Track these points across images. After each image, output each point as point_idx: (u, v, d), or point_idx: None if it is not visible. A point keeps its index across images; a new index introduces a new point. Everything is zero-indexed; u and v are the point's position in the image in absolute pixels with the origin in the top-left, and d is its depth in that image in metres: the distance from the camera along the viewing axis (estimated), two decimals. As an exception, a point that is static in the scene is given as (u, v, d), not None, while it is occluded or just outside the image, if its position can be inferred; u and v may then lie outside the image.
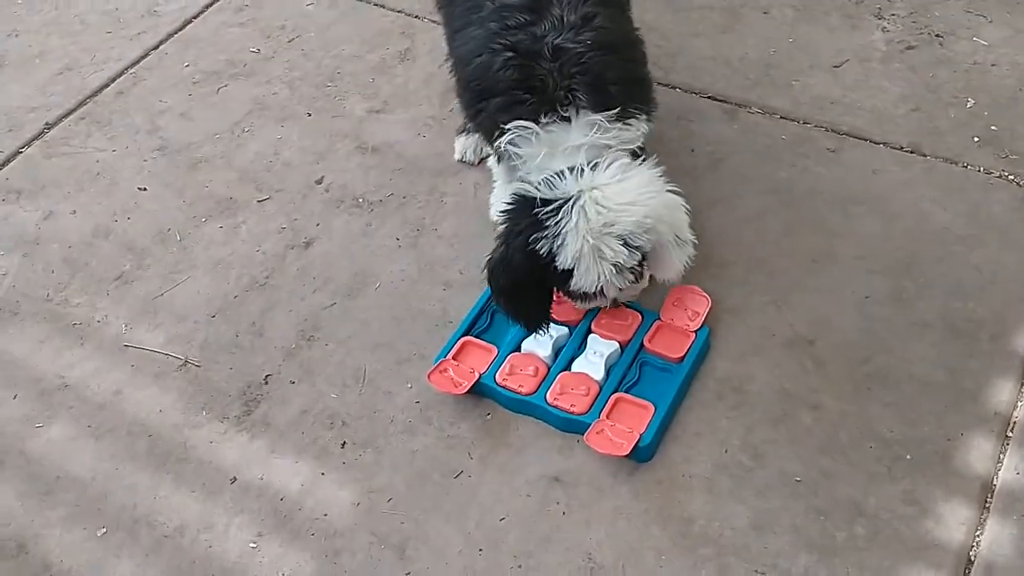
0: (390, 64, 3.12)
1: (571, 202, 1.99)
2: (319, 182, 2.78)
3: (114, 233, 2.71)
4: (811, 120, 2.77)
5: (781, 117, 2.80)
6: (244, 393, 2.32)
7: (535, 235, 1.99)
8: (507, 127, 2.06)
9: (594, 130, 2.05)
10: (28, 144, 2.98)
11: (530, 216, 2.01)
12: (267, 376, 2.35)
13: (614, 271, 2.02)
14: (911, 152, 2.66)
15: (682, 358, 2.22)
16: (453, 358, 2.27)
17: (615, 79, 2.08)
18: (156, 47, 3.28)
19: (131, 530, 2.12)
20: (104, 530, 2.12)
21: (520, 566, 1.99)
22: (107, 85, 3.15)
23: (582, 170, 2.02)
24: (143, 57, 3.24)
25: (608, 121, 2.06)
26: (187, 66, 3.19)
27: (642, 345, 2.25)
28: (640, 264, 2.11)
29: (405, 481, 2.14)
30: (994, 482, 2.03)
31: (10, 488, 2.20)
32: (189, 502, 2.15)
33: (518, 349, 2.28)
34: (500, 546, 2.02)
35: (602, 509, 2.06)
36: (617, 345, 2.24)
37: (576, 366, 2.23)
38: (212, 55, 3.22)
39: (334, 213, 2.69)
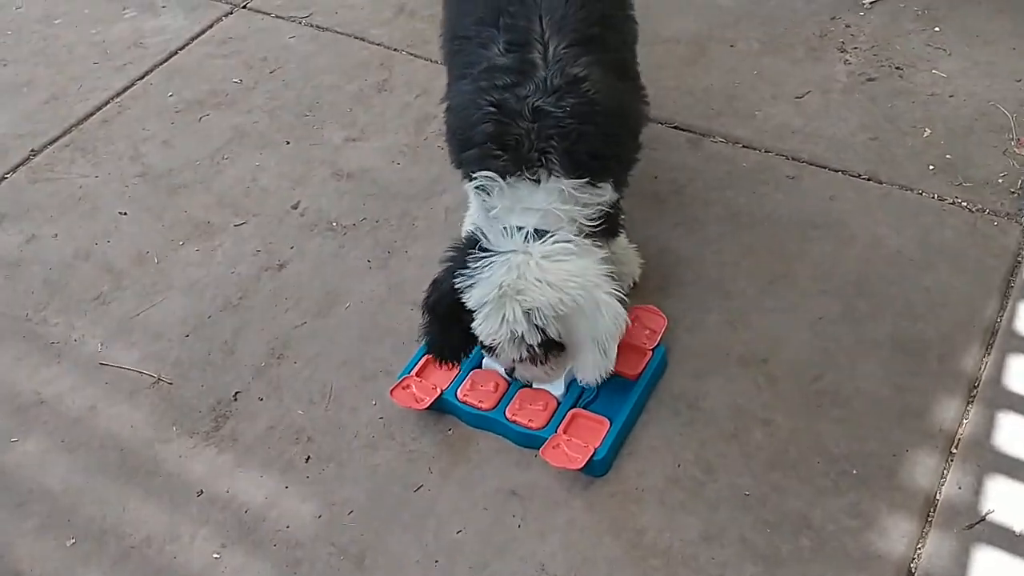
0: (368, 94, 3.21)
1: (499, 259, 2.00)
2: (295, 207, 2.86)
3: (94, 256, 2.79)
4: (772, 149, 2.86)
5: (743, 146, 2.88)
6: (214, 409, 2.39)
7: (459, 271, 2.04)
8: (475, 176, 2.12)
9: (557, 197, 2.06)
10: (13, 170, 3.07)
11: (465, 254, 2.05)
12: (236, 393, 2.42)
13: (508, 337, 2.00)
14: (868, 179, 2.74)
15: (639, 375, 2.29)
16: (417, 374, 2.34)
17: (590, 151, 2.07)
18: (141, 77, 3.38)
19: (99, 540, 2.17)
20: (73, 540, 2.17)
21: (475, 576, 2.05)
22: (92, 113, 3.24)
23: (527, 234, 2.03)
24: (128, 87, 3.34)
25: (574, 189, 2.07)
26: (171, 95, 3.29)
27: (600, 363, 2.32)
28: (544, 349, 2.05)
29: (366, 494, 2.20)
30: (937, 496, 2.08)
31: (-17, 500, 2.26)
32: (156, 513, 2.21)
33: (479, 365, 2.34)
34: (456, 557, 2.08)
35: (557, 521, 2.11)
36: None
37: (537, 383, 2.29)
38: (195, 85, 3.32)
39: (308, 236, 2.77)
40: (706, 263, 2.57)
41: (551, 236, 2.03)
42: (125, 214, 2.90)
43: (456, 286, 2.04)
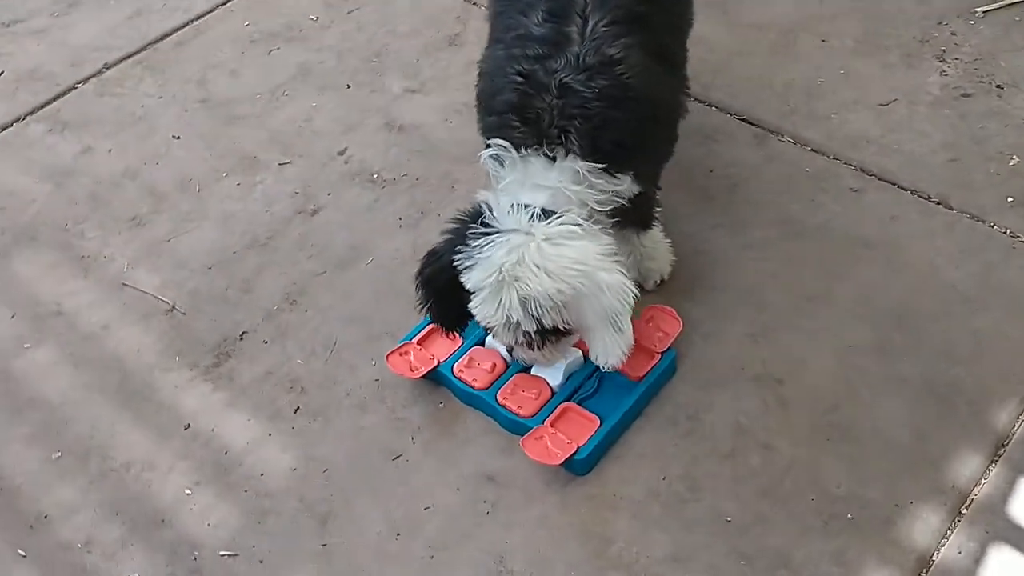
0: (437, 47, 3.14)
1: (501, 238, 1.92)
2: (341, 153, 2.83)
3: (141, 176, 2.82)
4: (841, 156, 2.67)
5: (811, 149, 2.70)
6: (218, 346, 2.39)
7: (459, 247, 1.96)
8: (490, 144, 2.04)
9: (570, 177, 1.97)
10: (84, 81, 3.13)
11: (466, 229, 1.97)
12: (243, 333, 2.41)
13: (504, 322, 1.93)
14: (937, 203, 2.53)
15: (641, 377, 2.18)
16: (418, 342, 2.29)
17: (613, 138, 1.97)
18: (224, 3, 3.38)
19: (82, 458, 2.21)
20: (59, 454, 2.22)
21: (431, 557, 2.00)
22: (170, 34, 3.27)
23: (533, 214, 1.94)
24: (209, 11, 3.35)
25: (589, 173, 1.97)
26: (248, 24, 3.29)
27: (605, 359, 2.22)
28: (540, 336, 1.97)
29: (345, 455, 2.17)
30: (933, 558, 1.92)
31: (-12, 401, 2.32)
32: (142, 440, 2.23)
33: (482, 343, 2.28)
34: (417, 534, 2.03)
35: (526, 515, 2.04)
36: (580, 353, 2.21)
37: (536, 369, 2.21)
38: (274, 17, 3.31)
39: (347, 185, 2.74)
40: (742, 270, 2.43)
41: (558, 217, 1.94)
42: (178, 138, 2.92)
43: (455, 263, 1.96)
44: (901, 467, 2.05)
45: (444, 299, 2.06)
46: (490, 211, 1.96)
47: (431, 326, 2.30)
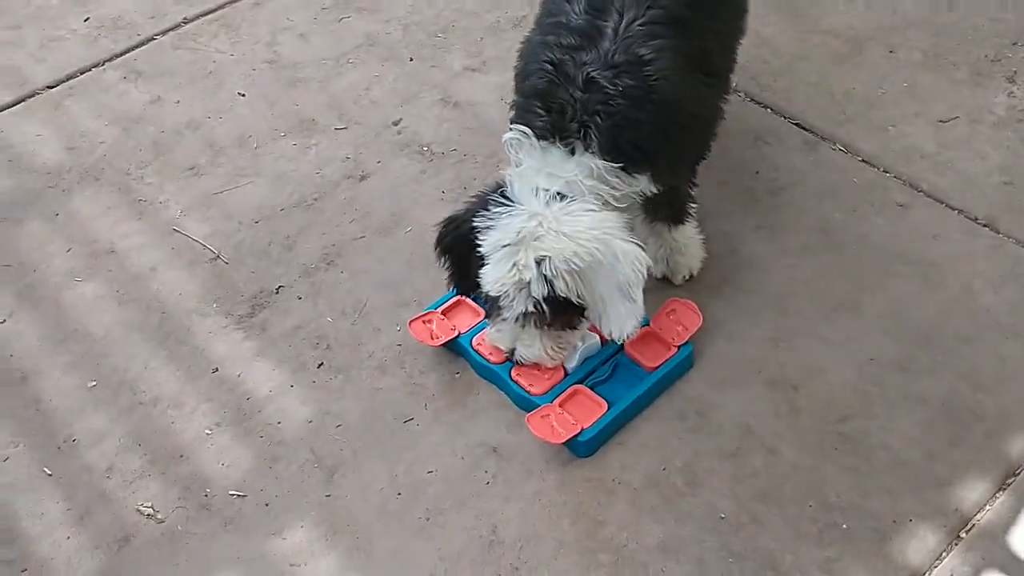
0: (502, 27, 3.18)
1: (519, 208, 1.96)
2: (395, 123, 2.89)
3: (203, 128, 2.92)
4: (892, 170, 2.63)
5: (862, 160, 2.67)
6: (255, 297, 2.48)
7: (480, 213, 1.99)
8: (512, 127, 2.07)
9: (586, 172, 1.99)
10: (163, 33, 3.25)
11: (487, 199, 2.01)
12: (280, 287, 2.50)
13: (515, 283, 1.94)
14: (984, 225, 2.48)
15: (655, 368, 2.20)
16: (442, 312, 2.34)
17: (633, 140, 1.98)
18: (304, -31, 3.47)
19: (116, 390, 2.32)
20: (94, 383, 2.33)
21: (428, 519, 2.05)
22: (250, -5, 3.37)
23: (549, 197, 1.96)
24: (290, -24, 3.44)
25: (606, 171, 1.99)
26: (324, -9, 3.37)
27: (622, 346, 2.24)
28: (549, 308, 1.97)
29: (360, 413, 2.24)
30: (924, 577, 1.91)
31: (37, 328, 2.45)
32: (171, 379, 2.33)
33: (505, 319, 2.32)
34: (418, 496, 2.09)
35: (525, 489, 2.08)
36: (597, 339, 2.24)
37: (552, 349, 2.24)
38: (349, -14, 3.38)
39: (396, 155, 2.80)
40: (773, 274, 2.42)
41: (573, 200, 1.97)
42: (243, 95, 3.02)
43: (474, 226, 2.00)
44: (905, 484, 2.03)
45: (462, 264, 2.10)
46: (511, 186, 2.00)
47: (458, 298, 2.35)
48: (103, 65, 3.16)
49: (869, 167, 2.65)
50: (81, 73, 3.14)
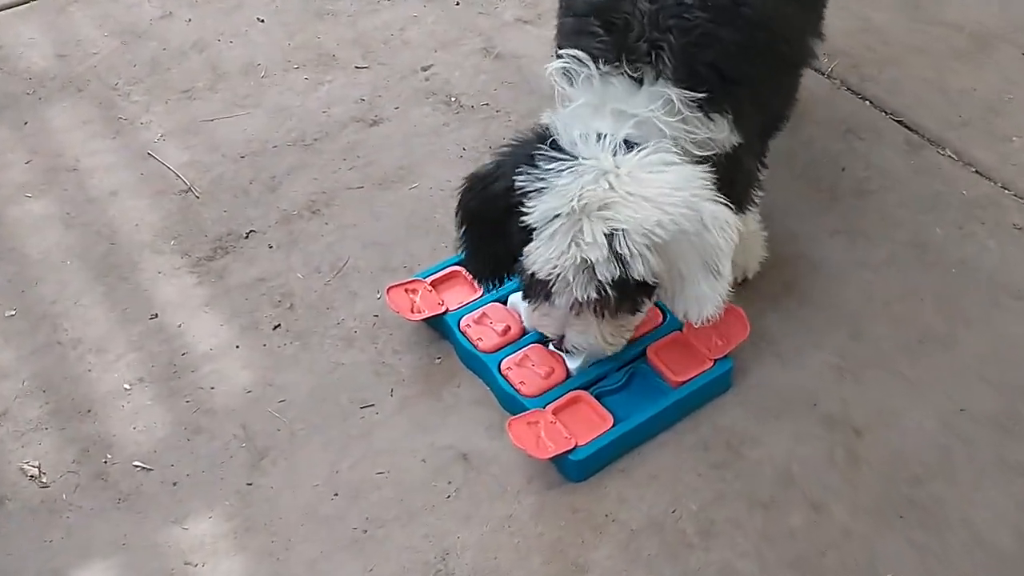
0: (568, -19, 2.75)
1: (581, 165, 1.53)
2: (425, 69, 2.49)
3: (209, 51, 2.56)
4: (1011, 186, 2.14)
5: (975, 171, 2.18)
6: (220, 239, 2.09)
7: (523, 168, 1.56)
8: (562, 53, 1.64)
9: (661, 105, 1.56)
10: (190, -54, 2.90)
11: (532, 149, 1.58)
12: (251, 232, 2.11)
13: (579, 264, 1.52)
14: (1124, 264, 1.97)
15: (682, 384, 1.74)
16: (432, 283, 1.91)
17: (713, 62, 1.56)
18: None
19: (35, 323, 1.95)
20: (12, 312, 1.96)
21: (365, 531, 1.62)
22: (292, -83, 3.01)
23: (615, 146, 1.54)
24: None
25: (684, 104, 1.56)
26: (375, -77, 2.99)
27: (644, 352, 1.78)
28: (616, 293, 1.55)
29: (310, 390, 1.82)
30: None
31: (-31, 242, 2.09)
32: (101, 320, 1.95)
33: (504, 302, 1.88)
34: (359, 500, 1.66)
35: (493, 511, 1.64)
36: (614, 339, 1.79)
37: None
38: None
39: (419, 102, 2.39)
40: (848, 288, 1.94)
41: (644, 148, 1.53)
42: (262, 21, 2.65)
43: (517, 187, 1.55)
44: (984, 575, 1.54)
45: (488, 236, 1.65)
46: (560, 134, 1.57)
47: (453, 268, 1.93)
48: (119, -26, 2.82)
49: (984, 180, 2.15)
50: (94, -20, 2.80)
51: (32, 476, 1.70)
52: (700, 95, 1.56)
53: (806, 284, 1.96)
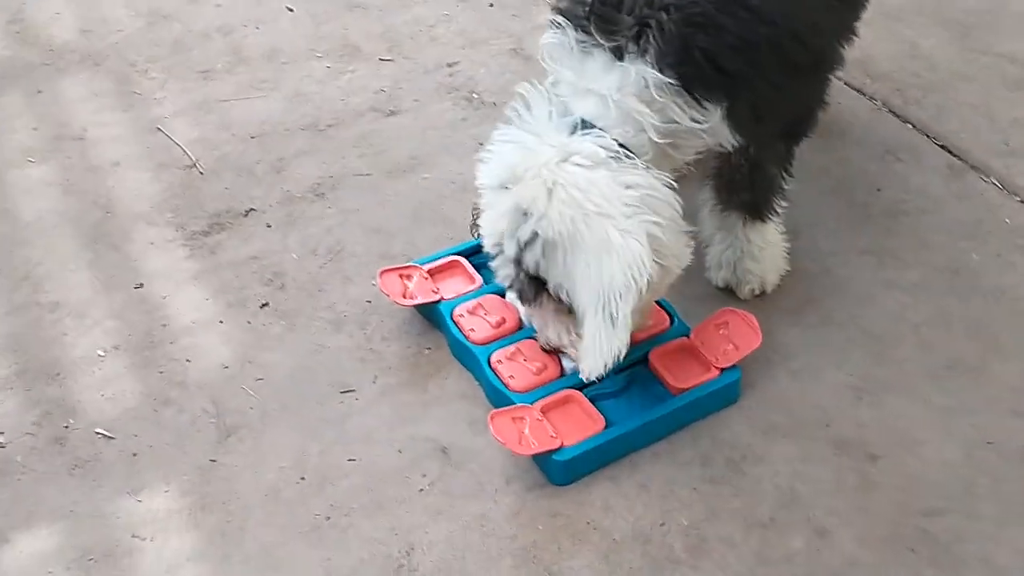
0: (606, -10, 2.68)
1: (522, 135, 1.49)
2: (450, 65, 2.41)
3: (233, 35, 2.51)
4: (1059, 217, 1.99)
5: (1020, 200, 2.04)
6: (218, 215, 2.02)
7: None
8: (552, 20, 1.55)
9: (632, 86, 1.44)
10: (228, -64, 2.88)
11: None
12: (250, 210, 2.03)
13: (498, 243, 1.48)
14: None
15: (683, 391, 1.61)
16: (429, 271, 1.81)
17: (709, 49, 1.44)
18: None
19: (17, 283, 1.88)
20: (-6, 274, 1.90)
21: (328, 519, 1.51)
22: (335, -83, 2.98)
23: (574, 125, 1.46)
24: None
25: (660, 87, 1.43)
26: (417, -73, 2.95)
27: (647, 356, 1.66)
28: (530, 282, 1.49)
29: (290, 370, 1.72)
30: None
31: (-35, 202, 2.04)
32: (84, 286, 1.88)
33: (503, 295, 1.77)
34: (325, 487, 1.55)
35: (466, 509, 1.52)
36: (617, 340, 1.67)
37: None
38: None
39: (439, 97, 2.32)
40: (877, 309, 1.81)
41: (591, 134, 1.43)
42: (291, 11, 2.60)
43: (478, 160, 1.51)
44: (1008, 623, 1.38)
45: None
46: (526, 106, 1.51)
47: (453, 258, 1.83)
48: (155, -42, 2.80)
49: (1028, 209, 2.02)
50: (130, -37, 2.79)
51: (-12, 435, 1.62)
52: (687, 78, 1.44)
53: (829, 301, 1.83)
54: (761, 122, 1.55)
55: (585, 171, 1.41)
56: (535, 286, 1.48)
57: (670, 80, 1.43)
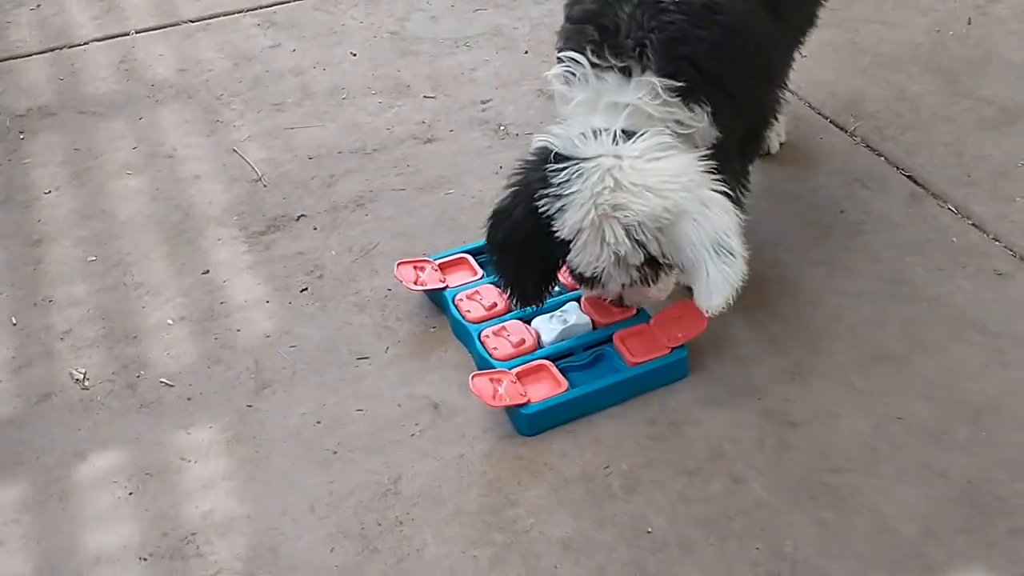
0: (629, 40, 3.03)
1: (586, 166, 1.75)
2: (484, 102, 2.80)
3: (304, 75, 2.95)
4: (1003, 238, 2.23)
5: (971, 223, 2.29)
6: (275, 219, 2.42)
7: (541, 191, 1.78)
8: (562, 56, 1.91)
9: (648, 93, 1.79)
10: (326, -3, 3.34)
11: (542, 170, 1.80)
12: (301, 215, 2.42)
13: (613, 260, 1.76)
14: (1096, 314, 2.04)
15: (637, 363, 1.92)
16: (440, 265, 2.17)
17: (691, 57, 1.79)
18: (462, -35, 3.48)
19: (110, 268, 2.31)
20: (94, 259, 2.34)
21: (335, 453, 1.86)
22: (399, -27, 3.42)
23: (615, 135, 1.77)
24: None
25: (666, 92, 1.79)
26: (470, -14, 3.36)
27: (611, 337, 1.98)
28: (652, 266, 1.81)
29: (317, 342, 2.09)
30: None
31: (72, 203, 2.51)
32: (162, 270, 2.29)
33: (498, 285, 2.11)
34: (336, 429, 1.90)
35: (448, 451, 1.85)
36: (589, 321, 1.99)
37: (536, 322, 2.02)
38: (497, -16, 3.36)
39: (471, 127, 2.69)
40: (821, 311, 2.08)
41: (643, 134, 1.77)
42: (355, 55, 3.03)
43: (541, 210, 1.78)
44: (882, 556, 1.63)
45: (523, 262, 1.89)
46: (561, 143, 1.80)
47: (462, 255, 2.18)
48: (245, 12, 3.27)
49: (976, 230, 2.26)
50: (224, 15, 3.26)
51: (77, 380, 2.03)
52: (679, 84, 1.79)
53: (780, 303, 2.11)
54: (729, 132, 1.88)
55: (665, 159, 1.75)
56: (652, 266, 1.80)
57: (670, 85, 1.78)
